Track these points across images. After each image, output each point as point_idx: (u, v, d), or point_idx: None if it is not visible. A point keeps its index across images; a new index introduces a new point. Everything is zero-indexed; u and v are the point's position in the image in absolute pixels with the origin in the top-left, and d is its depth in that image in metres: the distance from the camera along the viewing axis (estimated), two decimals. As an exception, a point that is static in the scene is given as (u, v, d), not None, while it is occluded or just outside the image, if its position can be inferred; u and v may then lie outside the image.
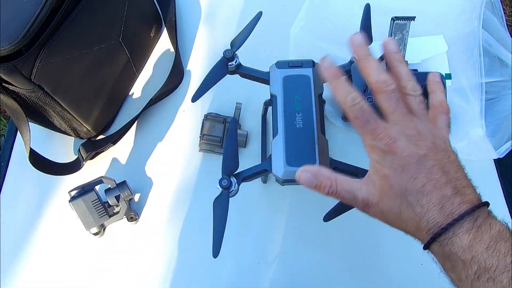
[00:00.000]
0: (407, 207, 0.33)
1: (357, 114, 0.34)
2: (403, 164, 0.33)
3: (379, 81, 0.35)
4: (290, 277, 0.56)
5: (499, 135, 0.58)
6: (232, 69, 0.50)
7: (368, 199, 0.35)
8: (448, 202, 0.32)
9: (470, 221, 0.31)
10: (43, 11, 0.43)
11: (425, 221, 0.32)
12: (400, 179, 0.33)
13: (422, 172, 0.33)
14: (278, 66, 0.48)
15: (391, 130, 0.34)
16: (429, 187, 0.32)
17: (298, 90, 0.46)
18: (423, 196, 0.32)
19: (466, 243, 0.31)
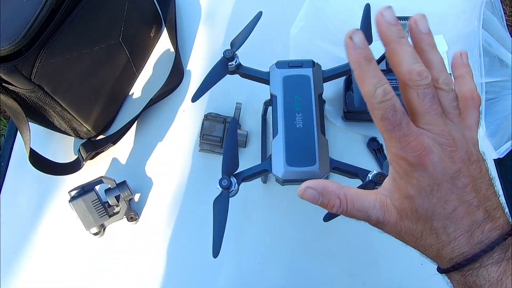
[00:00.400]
0: (430, 232, 0.29)
1: (386, 113, 0.26)
2: (434, 183, 0.28)
3: (412, 72, 0.27)
4: (290, 277, 0.56)
5: (499, 135, 0.59)
6: (232, 69, 0.50)
7: (384, 219, 0.30)
8: (478, 230, 0.28)
9: (500, 252, 0.27)
10: (43, 11, 0.43)
11: (449, 249, 0.28)
12: (428, 202, 0.28)
13: (454, 193, 0.28)
14: (278, 66, 0.48)
15: (424, 137, 0.27)
16: (460, 212, 0.28)
17: (298, 90, 0.46)
18: (451, 223, 0.28)
19: (494, 277, 0.27)
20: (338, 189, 0.31)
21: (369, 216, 0.31)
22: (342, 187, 0.31)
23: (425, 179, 0.28)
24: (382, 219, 0.30)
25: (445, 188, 0.28)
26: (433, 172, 0.27)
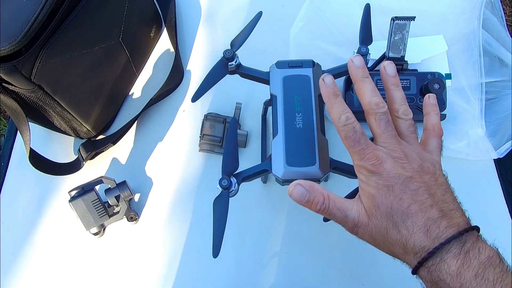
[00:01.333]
0: (393, 227, 0.33)
1: (348, 133, 0.35)
2: (388, 185, 0.33)
3: (371, 103, 0.36)
4: (290, 277, 0.56)
5: (499, 135, 0.59)
6: (232, 69, 0.50)
7: (358, 219, 0.35)
8: (434, 225, 0.32)
9: (457, 246, 0.31)
10: (43, 11, 0.43)
11: (411, 243, 0.32)
12: (386, 199, 0.33)
13: (407, 193, 0.33)
14: (278, 66, 0.48)
15: (379, 151, 0.34)
16: (414, 209, 0.32)
17: (298, 90, 0.46)
18: (408, 218, 0.32)
19: (454, 270, 0.30)
20: (323, 189, 0.36)
21: (346, 216, 0.35)
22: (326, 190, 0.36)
23: (381, 181, 0.33)
24: (357, 220, 0.35)
25: (398, 188, 0.33)
26: (386, 176, 0.33)
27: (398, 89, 0.38)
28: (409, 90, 0.58)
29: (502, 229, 0.56)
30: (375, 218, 0.34)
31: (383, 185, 0.33)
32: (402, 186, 0.33)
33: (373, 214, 0.34)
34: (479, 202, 0.57)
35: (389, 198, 0.33)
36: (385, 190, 0.33)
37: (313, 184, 0.36)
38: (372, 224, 0.34)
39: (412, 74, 0.59)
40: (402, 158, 0.34)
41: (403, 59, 0.59)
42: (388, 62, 0.39)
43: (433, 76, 0.58)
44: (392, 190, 0.33)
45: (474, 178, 0.59)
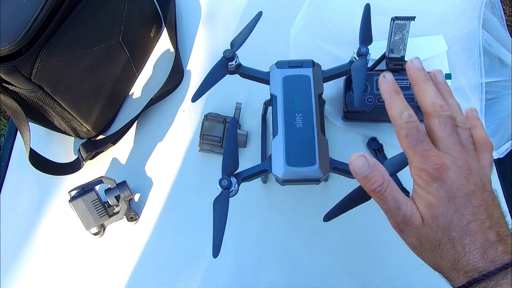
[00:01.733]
0: (448, 241, 0.31)
1: (410, 131, 0.32)
2: (450, 196, 0.31)
3: (436, 104, 0.33)
4: (290, 277, 0.56)
5: (499, 135, 0.59)
6: (232, 69, 0.50)
7: (410, 218, 0.32)
8: (492, 249, 0.30)
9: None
10: (43, 11, 0.43)
11: (465, 261, 0.30)
12: (447, 211, 0.31)
13: (468, 208, 0.31)
14: (278, 66, 0.48)
15: (444, 156, 0.32)
16: (474, 227, 0.31)
17: (298, 90, 0.46)
18: (466, 235, 0.31)
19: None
20: (386, 172, 0.33)
21: (399, 208, 0.32)
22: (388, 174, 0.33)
23: (443, 191, 0.31)
24: (409, 218, 0.32)
25: (460, 201, 0.31)
26: (450, 186, 0.31)
27: (453, 97, 0.36)
28: (409, 90, 0.58)
29: None
30: (430, 227, 0.32)
31: (445, 195, 0.31)
32: (464, 200, 0.31)
33: (429, 223, 0.32)
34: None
35: (449, 211, 0.31)
36: (446, 201, 0.31)
37: (378, 163, 0.33)
38: (425, 231, 0.32)
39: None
40: (467, 169, 0.32)
41: (403, 59, 0.59)
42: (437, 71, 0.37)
43: (433, 76, 0.58)
44: (454, 202, 0.31)
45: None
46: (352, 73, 0.48)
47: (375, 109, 0.57)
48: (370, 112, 0.57)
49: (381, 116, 0.58)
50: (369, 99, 0.58)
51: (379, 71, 0.60)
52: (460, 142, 0.33)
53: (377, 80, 0.59)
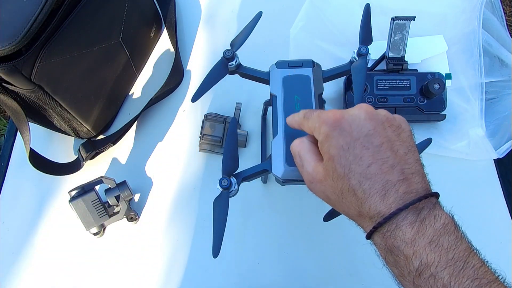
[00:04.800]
0: (349, 190, 0.31)
1: (306, 113, 0.36)
2: (349, 141, 0.32)
3: (293, 117, 0.39)
4: (290, 277, 0.56)
5: (499, 135, 0.59)
6: (232, 69, 0.50)
7: (313, 174, 0.34)
8: (393, 189, 0.30)
9: (414, 213, 0.30)
10: (43, 11, 0.43)
11: (367, 207, 0.31)
12: (344, 160, 0.31)
13: (369, 149, 0.31)
14: (278, 66, 0.48)
15: (339, 111, 0.34)
16: (374, 169, 0.31)
17: (298, 90, 0.46)
18: (366, 180, 0.31)
19: (409, 237, 0.29)
20: (305, 138, 0.37)
21: (303, 166, 0.35)
22: (307, 139, 0.36)
23: (342, 138, 0.32)
24: (312, 175, 0.34)
25: (360, 144, 0.31)
26: (348, 130, 0.32)
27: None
28: (409, 90, 0.58)
29: (502, 229, 0.56)
30: (331, 179, 0.33)
31: (344, 142, 0.32)
32: (364, 141, 0.31)
33: (330, 175, 0.33)
34: (479, 202, 0.57)
35: (348, 158, 0.31)
36: (345, 149, 0.32)
37: (300, 130, 0.37)
38: (328, 183, 0.33)
39: (412, 74, 0.59)
40: (365, 112, 0.33)
41: (403, 59, 0.59)
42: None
43: (433, 76, 0.58)
44: (354, 147, 0.31)
45: (474, 178, 0.59)
46: (352, 73, 0.48)
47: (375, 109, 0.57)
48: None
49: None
50: (369, 99, 0.58)
51: (379, 71, 0.60)
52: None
53: (377, 80, 0.59)
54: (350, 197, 0.32)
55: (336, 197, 0.33)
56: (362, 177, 0.31)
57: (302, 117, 0.36)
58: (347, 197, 0.32)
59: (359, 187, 0.31)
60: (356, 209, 0.32)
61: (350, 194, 0.32)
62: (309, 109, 0.37)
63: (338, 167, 0.32)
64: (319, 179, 0.34)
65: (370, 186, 0.31)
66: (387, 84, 0.58)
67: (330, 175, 0.33)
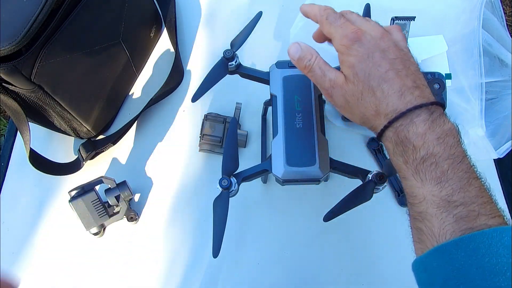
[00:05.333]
0: (369, 91, 0.35)
1: (329, 15, 0.38)
2: (368, 52, 0.35)
3: (321, 11, 0.39)
4: (290, 277, 0.56)
5: (499, 135, 0.58)
6: (232, 69, 0.50)
7: (335, 80, 0.37)
8: (408, 92, 0.34)
9: (426, 113, 0.33)
10: (43, 11, 0.43)
11: (385, 104, 0.34)
12: (365, 66, 0.35)
13: (385, 60, 0.35)
14: (278, 66, 0.48)
15: (360, 25, 0.37)
16: (391, 74, 0.34)
17: (298, 90, 0.46)
18: (384, 82, 0.34)
19: (420, 131, 0.33)
20: (315, 51, 0.39)
21: (325, 75, 0.38)
22: (317, 53, 0.39)
23: (362, 49, 0.36)
24: (334, 81, 0.37)
25: (377, 56, 0.35)
26: (367, 44, 0.36)
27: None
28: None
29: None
30: (352, 83, 0.36)
31: (363, 52, 0.35)
32: (381, 54, 0.35)
33: (351, 80, 0.36)
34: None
35: (368, 64, 0.35)
36: (365, 58, 0.35)
37: (309, 47, 0.39)
38: (348, 87, 0.36)
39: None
40: (382, 33, 0.37)
41: (403, 59, 0.58)
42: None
43: (433, 76, 0.58)
44: (372, 57, 0.35)
45: (474, 178, 0.59)
46: None
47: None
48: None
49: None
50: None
51: None
52: (365, 19, 0.38)
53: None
54: (369, 97, 0.35)
55: (355, 99, 0.36)
56: (381, 80, 0.35)
57: (325, 19, 0.38)
58: (366, 98, 0.35)
59: (378, 87, 0.35)
60: (373, 108, 0.35)
61: (370, 94, 0.35)
62: (331, 12, 0.38)
63: (359, 71, 0.35)
64: (340, 84, 0.37)
65: (388, 87, 0.34)
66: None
67: (351, 80, 0.36)
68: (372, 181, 0.42)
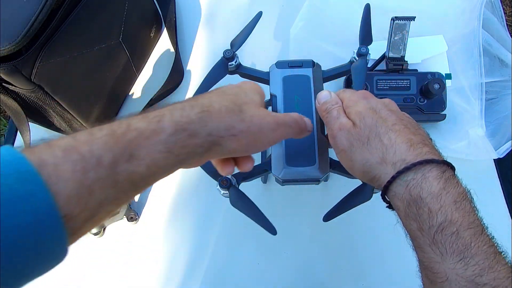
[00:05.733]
0: (375, 136, 0.33)
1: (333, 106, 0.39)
2: (376, 108, 0.35)
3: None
4: (290, 277, 0.56)
5: (499, 135, 0.59)
6: (232, 69, 0.50)
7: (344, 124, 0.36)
8: (417, 145, 0.32)
9: (438, 170, 0.30)
10: (43, 11, 0.43)
11: (392, 152, 0.32)
12: (372, 115, 0.35)
13: (393, 115, 0.35)
14: (278, 66, 0.48)
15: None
16: (398, 127, 0.33)
17: (298, 90, 0.46)
18: (392, 132, 0.33)
19: (435, 191, 0.29)
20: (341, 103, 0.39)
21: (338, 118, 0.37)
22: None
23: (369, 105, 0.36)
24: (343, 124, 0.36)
25: (384, 112, 0.35)
26: (374, 103, 0.36)
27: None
28: (409, 90, 0.58)
29: (502, 229, 0.56)
30: (359, 128, 0.35)
31: (371, 106, 0.35)
32: (388, 112, 0.35)
33: (358, 124, 0.35)
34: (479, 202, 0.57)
35: (375, 115, 0.35)
36: (373, 110, 0.35)
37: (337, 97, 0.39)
38: (355, 131, 0.35)
39: (412, 74, 0.59)
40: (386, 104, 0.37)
41: (403, 59, 0.59)
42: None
43: (433, 76, 0.58)
44: (379, 112, 0.35)
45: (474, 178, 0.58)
46: (352, 73, 0.48)
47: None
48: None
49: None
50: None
51: (379, 71, 0.60)
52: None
53: (377, 80, 0.59)
54: (375, 143, 0.33)
55: (360, 143, 0.34)
56: (388, 129, 0.33)
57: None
58: (372, 143, 0.33)
59: (385, 135, 0.33)
60: (379, 155, 0.33)
61: (376, 139, 0.33)
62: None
63: (366, 117, 0.35)
64: (348, 128, 0.35)
65: (396, 136, 0.33)
66: (387, 84, 0.58)
67: (358, 124, 0.35)
68: None
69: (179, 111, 0.28)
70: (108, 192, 0.24)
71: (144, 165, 0.25)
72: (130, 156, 0.25)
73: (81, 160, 0.23)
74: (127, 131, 0.25)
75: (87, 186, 0.22)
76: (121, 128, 0.25)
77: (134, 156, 0.25)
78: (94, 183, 0.23)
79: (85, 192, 0.22)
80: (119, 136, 0.25)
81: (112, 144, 0.24)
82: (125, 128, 0.25)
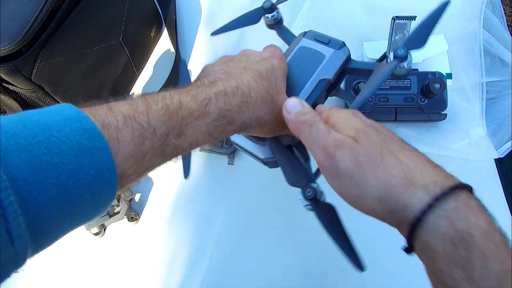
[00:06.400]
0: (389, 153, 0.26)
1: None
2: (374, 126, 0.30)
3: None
4: (290, 277, 0.55)
5: (500, 135, 0.58)
6: (269, 22, 0.44)
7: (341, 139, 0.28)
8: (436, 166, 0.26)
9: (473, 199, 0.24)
10: (43, 11, 0.43)
11: (417, 173, 0.25)
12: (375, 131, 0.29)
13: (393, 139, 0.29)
14: (305, 35, 0.43)
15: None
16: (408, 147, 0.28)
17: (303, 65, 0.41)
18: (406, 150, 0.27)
19: (483, 225, 0.22)
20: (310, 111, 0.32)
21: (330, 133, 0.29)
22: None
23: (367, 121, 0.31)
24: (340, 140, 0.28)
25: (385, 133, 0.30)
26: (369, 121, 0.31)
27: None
28: (410, 90, 0.58)
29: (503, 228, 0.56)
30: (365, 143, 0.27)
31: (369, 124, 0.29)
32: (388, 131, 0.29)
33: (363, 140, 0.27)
34: (480, 202, 0.57)
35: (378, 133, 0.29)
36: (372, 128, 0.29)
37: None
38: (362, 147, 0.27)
39: (412, 74, 0.59)
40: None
41: (403, 59, 0.58)
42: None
43: (433, 76, 0.58)
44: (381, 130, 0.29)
45: (475, 177, 0.59)
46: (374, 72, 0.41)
47: (376, 108, 0.57)
48: (370, 112, 0.57)
49: (382, 116, 0.57)
50: (369, 99, 0.58)
51: None
52: None
53: (377, 80, 0.58)
54: (392, 160, 0.26)
55: (373, 162, 0.26)
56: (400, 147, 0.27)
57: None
58: (388, 161, 0.26)
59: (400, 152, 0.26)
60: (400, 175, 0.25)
61: (392, 157, 0.26)
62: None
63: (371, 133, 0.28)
64: (350, 144, 0.27)
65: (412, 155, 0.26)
66: (388, 83, 0.58)
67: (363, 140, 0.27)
68: None
69: (223, 98, 0.30)
70: (156, 159, 0.27)
71: (187, 141, 0.28)
72: (179, 132, 0.27)
73: (140, 128, 0.25)
74: (179, 109, 0.28)
75: (142, 151, 0.25)
76: (173, 105, 0.27)
77: (182, 133, 0.28)
78: (148, 150, 0.26)
79: (139, 156, 0.25)
80: (172, 112, 0.27)
81: (166, 118, 0.27)
82: (177, 105, 0.28)
